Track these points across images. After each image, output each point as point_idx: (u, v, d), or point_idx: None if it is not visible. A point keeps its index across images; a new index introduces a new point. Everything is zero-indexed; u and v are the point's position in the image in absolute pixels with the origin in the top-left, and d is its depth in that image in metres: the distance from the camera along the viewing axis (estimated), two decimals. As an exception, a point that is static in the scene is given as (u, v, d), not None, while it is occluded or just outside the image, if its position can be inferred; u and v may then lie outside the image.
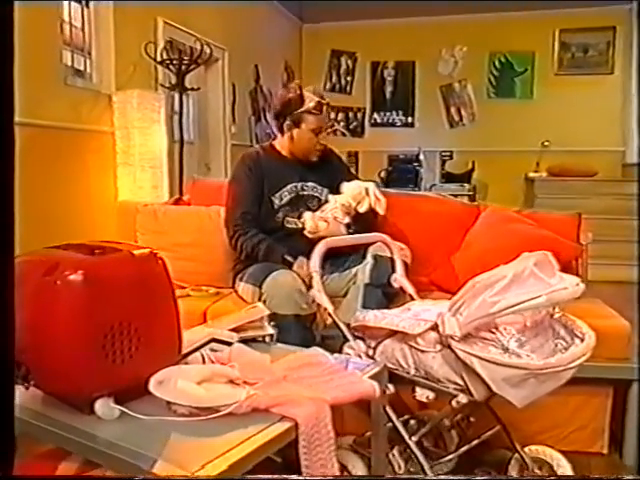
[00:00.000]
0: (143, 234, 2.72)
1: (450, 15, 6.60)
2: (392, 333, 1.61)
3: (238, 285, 2.43)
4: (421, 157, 6.58)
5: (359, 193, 2.40)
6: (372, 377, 1.41)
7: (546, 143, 6.46)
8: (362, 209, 2.39)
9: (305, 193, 2.50)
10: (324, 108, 2.46)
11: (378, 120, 7.13)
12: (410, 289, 1.97)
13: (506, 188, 6.61)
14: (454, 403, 1.48)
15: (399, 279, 2.00)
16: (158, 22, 4.29)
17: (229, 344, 1.54)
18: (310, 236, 2.25)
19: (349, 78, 7.16)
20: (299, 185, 2.50)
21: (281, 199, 2.46)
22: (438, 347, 1.49)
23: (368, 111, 7.16)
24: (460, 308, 1.41)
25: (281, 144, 2.54)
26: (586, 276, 2.58)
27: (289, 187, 2.47)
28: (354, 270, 2.35)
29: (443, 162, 6.84)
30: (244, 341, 1.68)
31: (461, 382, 1.45)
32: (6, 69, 0.84)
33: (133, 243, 1.25)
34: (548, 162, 6.40)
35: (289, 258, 2.28)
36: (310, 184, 2.52)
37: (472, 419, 1.80)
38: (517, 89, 6.82)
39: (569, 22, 6.48)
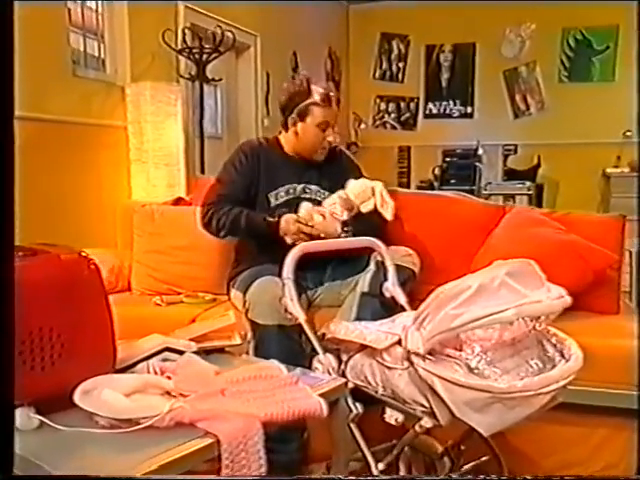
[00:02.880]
0: (139, 236, 2.83)
1: (516, -12, 6.49)
2: (362, 347, 1.63)
3: (231, 292, 2.49)
4: (480, 152, 6.49)
5: (364, 191, 2.38)
6: (325, 394, 1.43)
7: (628, 133, 6.21)
8: (366, 209, 2.38)
9: (307, 196, 2.50)
10: (332, 101, 2.47)
11: (433, 111, 7.10)
12: (402, 299, 1.97)
13: (580, 186, 6.44)
14: (417, 427, 1.48)
15: (390, 288, 2.01)
16: (179, 6, 4.42)
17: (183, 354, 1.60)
18: (290, 237, 2.25)
19: (401, 64, 7.15)
20: (300, 187, 2.51)
21: (277, 199, 2.49)
22: (405, 364, 1.49)
23: (422, 101, 7.14)
24: (424, 321, 1.41)
25: (286, 140, 2.57)
26: (635, 288, 2.51)
27: (286, 187, 2.50)
28: (357, 277, 2.37)
29: (505, 157, 6.73)
30: (211, 351, 1.75)
31: (427, 404, 1.45)
32: (6, 63, 0.89)
33: (63, 247, 1.31)
34: (630, 156, 6.18)
35: (272, 219, 2.32)
36: (314, 187, 2.53)
37: (463, 447, 1.78)
38: (595, 71, 6.61)
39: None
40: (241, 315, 2.22)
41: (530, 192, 5.97)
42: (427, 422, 1.46)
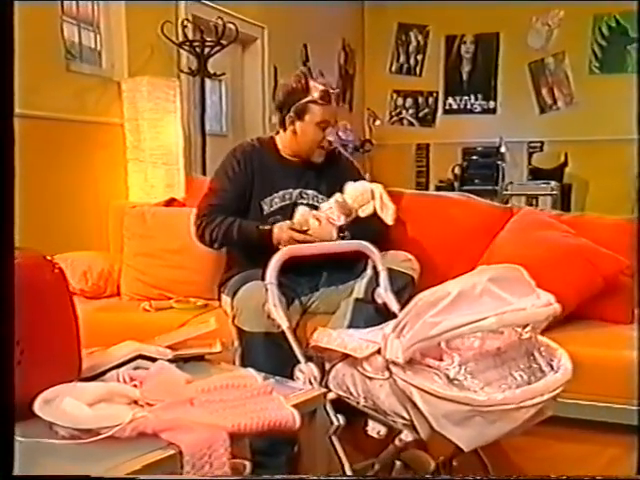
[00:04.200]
0: (130, 238, 2.88)
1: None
2: (345, 356, 1.65)
3: (221, 297, 2.52)
4: (503, 149, 6.46)
5: (362, 194, 2.39)
6: (300, 405, 1.45)
7: (664, 130, 6.16)
8: (364, 213, 2.39)
9: (303, 202, 2.52)
10: (332, 98, 2.48)
11: (453, 106, 7.08)
12: (394, 306, 1.99)
13: (612, 186, 6.36)
14: (397, 441, 1.49)
15: (382, 294, 2.02)
16: (180, -4, 4.45)
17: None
18: (284, 246, 2.27)
19: (419, 57, 7.15)
20: (296, 192, 2.53)
21: (271, 206, 2.50)
22: (386, 374, 1.51)
23: (441, 95, 7.13)
24: (404, 329, 1.43)
25: (282, 141, 2.58)
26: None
27: (282, 193, 2.51)
28: (353, 283, 2.38)
29: (530, 155, 6.69)
30: (190, 359, 1.78)
31: (407, 416, 1.47)
32: (6, 63, 0.92)
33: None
34: (669, 153, 6.11)
35: (265, 227, 2.34)
36: (310, 192, 2.54)
37: (455, 463, 1.79)
38: (631, 61, 6.52)
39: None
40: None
41: (554, 192, 5.92)
42: (407, 435, 1.48)
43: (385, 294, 2.02)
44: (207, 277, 2.74)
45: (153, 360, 1.64)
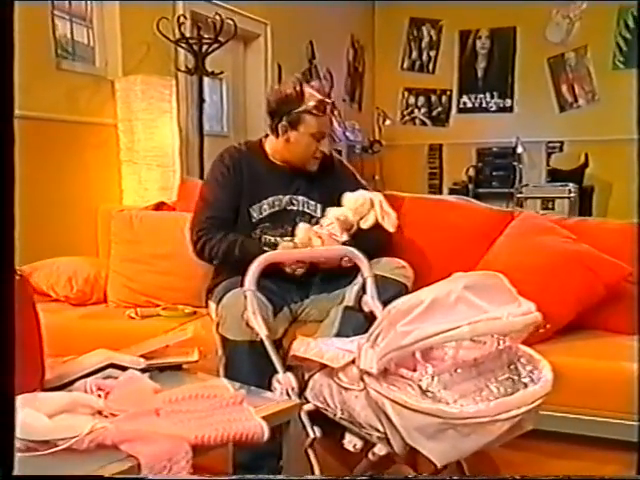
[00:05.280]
0: (117, 243, 2.91)
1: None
2: (322, 366, 1.67)
3: (208, 304, 2.55)
4: (520, 150, 6.45)
5: (362, 205, 2.41)
6: (270, 416, 1.47)
7: (692, 129, 6.12)
8: (366, 224, 2.40)
9: (293, 208, 2.54)
10: (327, 109, 2.47)
11: (468, 104, 7.09)
12: (381, 315, 2.00)
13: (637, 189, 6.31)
14: (370, 455, 1.51)
15: (369, 302, 2.04)
16: (177, -9, 4.51)
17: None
18: (288, 267, 2.31)
19: (432, 53, 7.17)
20: (286, 198, 2.54)
21: (260, 212, 2.52)
22: (361, 385, 1.52)
23: (455, 93, 7.14)
24: (377, 338, 1.44)
25: (272, 147, 2.58)
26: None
27: (271, 199, 2.53)
28: (344, 290, 2.40)
29: (549, 156, 6.67)
30: (165, 368, 1.82)
31: (382, 429, 1.48)
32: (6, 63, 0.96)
33: None
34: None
35: (268, 249, 2.34)
36: (301, 198, 2.56)
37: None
38: (658, 55, 6.49)
39: None
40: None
41: (572, 195, 5.88)
42: (381, 449, 1.49)
43: (372, 302, 2.03)
44: (196, 284, 2.75)
45: (124, 369, 1.67)
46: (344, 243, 2.35)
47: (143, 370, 1.73)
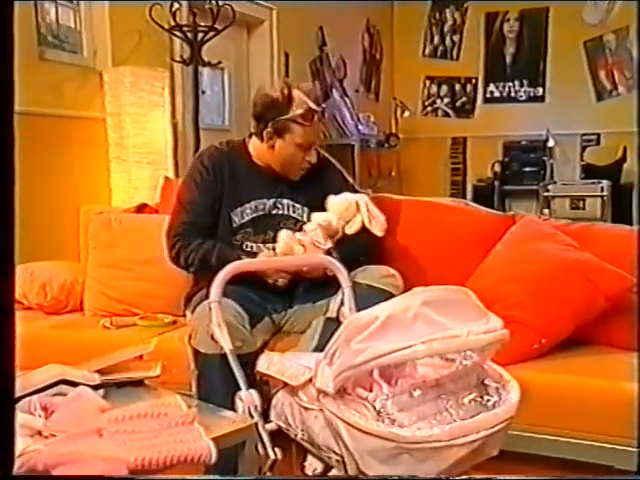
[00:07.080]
0: (94, 248, 2.99)
1: None
2: (285, 384, 1.71)
3: (186, 314, 2.61)
4: (551, 143, 6.42)
5: (347, 209, 2.44)
6: (220, 438, 1.52)
7: None
8: (351, 230, 2.43)
9: (278, 212, 2.59)
10: (316, 117, 2.49)
11: (495, 93, 7.08)
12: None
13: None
14: (326, 480, 1.55)
15: (346, 314, 2.07)
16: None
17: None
18: (270, 278, 2.36)
19: (456, 38, 7.16)
20: (270, 202, 2.58)
21: (242, 217, 2.56)
22: (319, 404, 1.56)
23: (481, 82, 7.13)
24: (334, 355, 1.48)
25: (257, 149, 2.60)
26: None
27: (254, 203, 2.57)
28: (329, 300, 2.44)
29: (583, 149, 6.63)
30: (125, 384, 1.87)
31: (339, 452, 1.52)
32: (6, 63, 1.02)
33: None
34: None
35: (247, 258, 2.38)
36: (286, 201, 2.60)
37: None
38: None
39: None
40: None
41: (604, 194, 5.83)
42: (337, 474, 1.53)
43: (349, 314, 2.06)
44: (177, 291, 2.79)
45: (76, 385, 1.73)
46: (329, 250, 2.39)
47: (98, 386, 1.78)
